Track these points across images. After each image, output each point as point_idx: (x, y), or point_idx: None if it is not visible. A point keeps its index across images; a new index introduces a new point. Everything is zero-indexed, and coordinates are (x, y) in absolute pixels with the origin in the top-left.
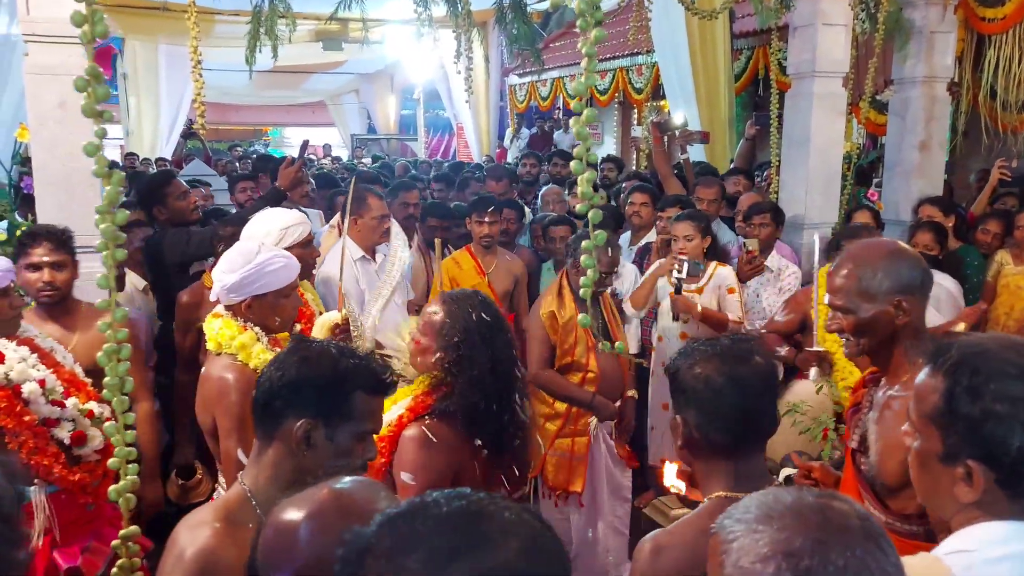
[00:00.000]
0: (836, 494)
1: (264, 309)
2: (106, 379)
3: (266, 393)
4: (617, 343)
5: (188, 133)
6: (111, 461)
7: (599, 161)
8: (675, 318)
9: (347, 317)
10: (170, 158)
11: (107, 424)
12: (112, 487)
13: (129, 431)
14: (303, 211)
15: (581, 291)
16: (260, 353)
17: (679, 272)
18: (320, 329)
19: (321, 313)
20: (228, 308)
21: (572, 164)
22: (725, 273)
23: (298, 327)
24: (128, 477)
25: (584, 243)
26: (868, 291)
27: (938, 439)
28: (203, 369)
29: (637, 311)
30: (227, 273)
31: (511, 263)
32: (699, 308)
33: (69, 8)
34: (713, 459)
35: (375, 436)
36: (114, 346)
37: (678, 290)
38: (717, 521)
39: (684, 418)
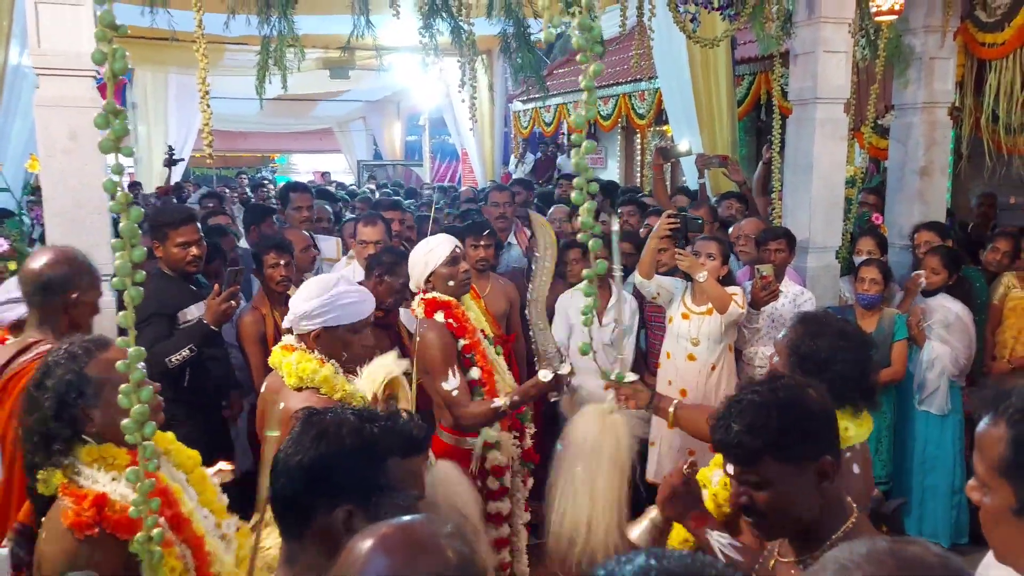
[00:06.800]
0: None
1: (334, 342)
2: (124, 421)
3: (286, 485)
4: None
5: (170, 161)
6: (131, 511)
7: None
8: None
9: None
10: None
11: (128, 470)
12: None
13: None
14: (316, 237)
15: (583, 319)
16: (343, 385)
17: None
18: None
19: (485, 332)
20: (299, 338)
21: (573, 195)
22: (731, 290)
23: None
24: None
25: (585, 272)
26: None
27: (1010, 492)
28: (280, 405)
29: (646, 279)
30: (304, 301)
31: (505, 286)
32: (705, 273)
33: (79, 42)
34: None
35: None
36: (131, 386)
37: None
38: None
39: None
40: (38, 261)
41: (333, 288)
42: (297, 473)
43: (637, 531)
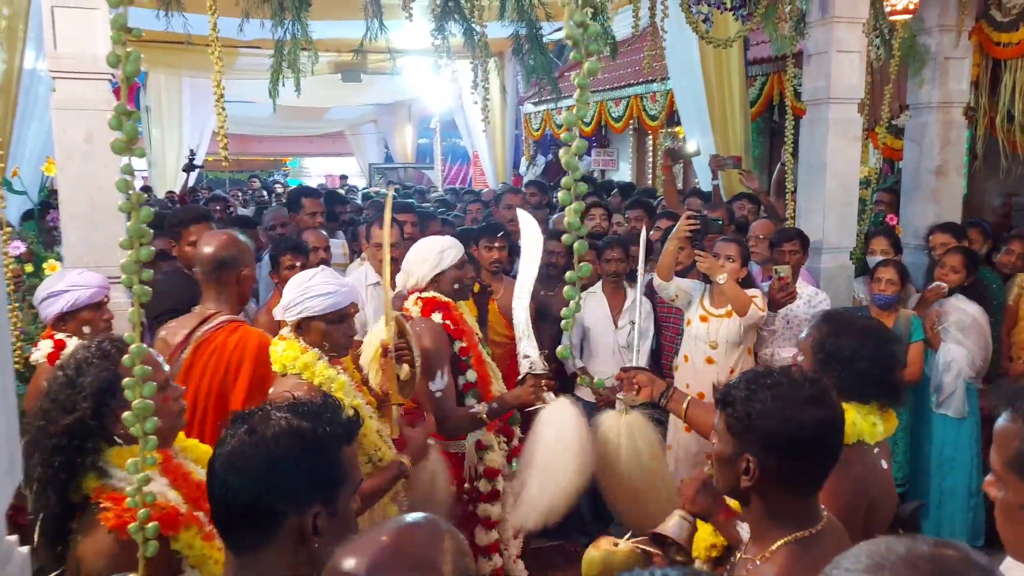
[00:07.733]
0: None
1: (312, 332)
2: (126, 415)
3: (242, 496)
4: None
5: (189, 166)
6: (128, 501)
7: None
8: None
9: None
10: (177, 192)
11: (129, 461)
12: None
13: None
14: (330, 238)
15: (563, 323)
16: (323, 370)
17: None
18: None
19: (479, 336)
20: (289, 329)
21: (560, 194)
22: (751, 292)
23: (460, 344)
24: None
25: (568, 274)
26: None
27: (1022, 488)
28: (271, 391)
29: (665, 281)
30: (286, 292)
31: None
32: (724, 276)
33: (95, 45)
34: (785, 500)
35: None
36: (135, 380)
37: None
38: (824, 570)
39: (759, 459)
40: (210, 245)
41: (309, 280)
42: (253, 483)
43: (671, 525)
